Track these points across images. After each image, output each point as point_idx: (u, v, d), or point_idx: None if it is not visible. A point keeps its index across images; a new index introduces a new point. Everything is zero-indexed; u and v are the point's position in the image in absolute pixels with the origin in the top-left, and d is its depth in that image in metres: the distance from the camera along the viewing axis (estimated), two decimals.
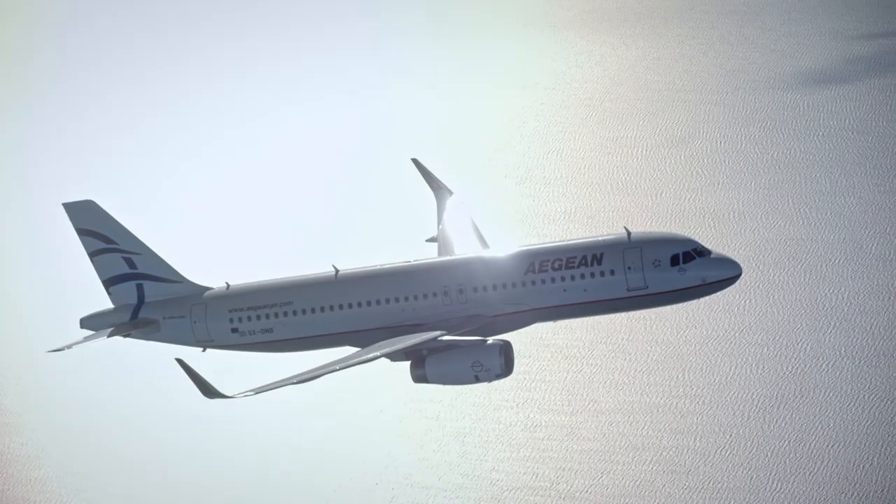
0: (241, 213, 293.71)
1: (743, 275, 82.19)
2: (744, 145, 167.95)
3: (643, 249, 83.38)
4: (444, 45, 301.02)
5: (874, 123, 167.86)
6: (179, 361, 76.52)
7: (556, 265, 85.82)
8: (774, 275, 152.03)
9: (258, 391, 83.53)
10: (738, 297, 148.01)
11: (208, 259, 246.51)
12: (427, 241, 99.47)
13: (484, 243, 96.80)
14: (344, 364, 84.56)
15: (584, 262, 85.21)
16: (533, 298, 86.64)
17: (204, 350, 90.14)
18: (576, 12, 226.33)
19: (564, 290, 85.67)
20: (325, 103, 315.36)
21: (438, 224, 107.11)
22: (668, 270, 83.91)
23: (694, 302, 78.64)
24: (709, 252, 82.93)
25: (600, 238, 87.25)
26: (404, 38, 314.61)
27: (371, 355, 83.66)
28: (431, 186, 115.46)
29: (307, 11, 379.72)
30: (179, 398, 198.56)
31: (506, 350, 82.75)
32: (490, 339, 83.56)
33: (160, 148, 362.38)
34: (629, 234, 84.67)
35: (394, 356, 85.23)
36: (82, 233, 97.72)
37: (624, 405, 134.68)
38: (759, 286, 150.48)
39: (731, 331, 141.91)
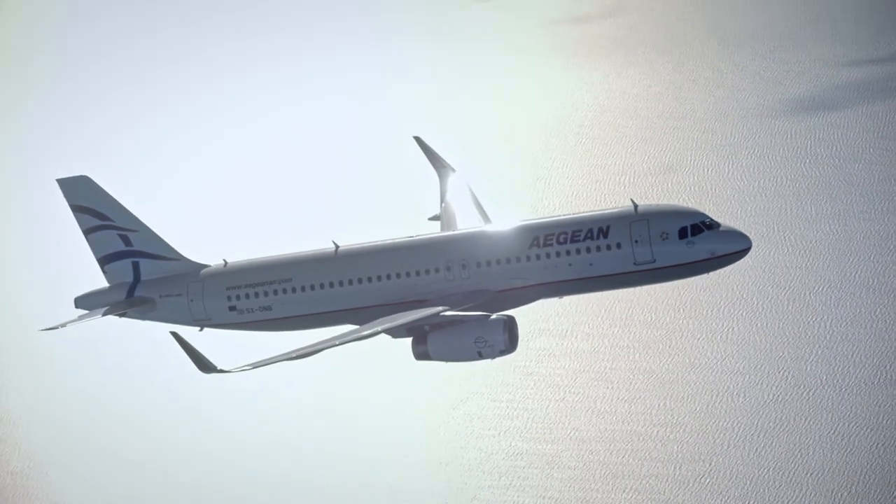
0: (240, 200, 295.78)
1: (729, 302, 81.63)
2: (731, 173, 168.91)
3: (650, 222, 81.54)
4: (434, 66, 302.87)
5: (861, 151, 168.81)
6: (174, 335, 75.57)
7: (561, 239, 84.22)
8: (758, 302, 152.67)
9: (255, 366, 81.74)
10: (720, 324, 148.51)
11: (206, 238, 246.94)
12: (430, 219, 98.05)
13: (487, 219, 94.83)
14: (343, 339, 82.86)
15: (589, 235, 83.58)
16: (537, 273, 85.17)
17: (201, 329, 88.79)
18: (566, 40, 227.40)
19: (570, 265, 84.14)
20: (324, 102, 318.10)
21: (441, 202, 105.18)
22: (676, 243, 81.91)
23: (675, 328, 79.24)
24: (718, 225, 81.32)
25: (606, 211, 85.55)
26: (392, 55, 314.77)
27: (371, 331, 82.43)
28: (434, 164, 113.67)
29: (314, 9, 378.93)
30: (179, 399, 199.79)
31: (510, 325, 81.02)
32: (494, 315, 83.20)
33: (160, 147, 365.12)
34: (636, 206, 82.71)
35: (395, 332, 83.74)
36: (76, 209, 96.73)
37: (605, 433, 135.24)
38: (742, 313, 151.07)
39: (712, 359, 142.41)
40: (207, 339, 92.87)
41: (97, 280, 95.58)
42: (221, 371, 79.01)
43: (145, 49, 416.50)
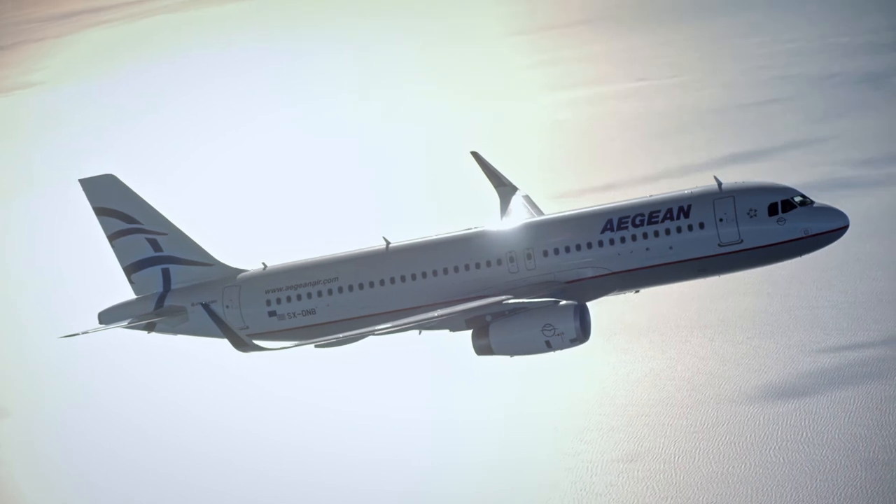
0: (276, 204, 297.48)
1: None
2: (699, 459, 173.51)
3: (737, 199, 77.41)
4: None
5: (829, 435, 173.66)
6: (205, 307, 72.89)
7: (637, 221, 79.08)
8: None
9: (296, 345, 77.54)
10: None
11: (240, 244, 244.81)
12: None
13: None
14: (393, 327, 77.67)
15: (669, 215, 78.36)
16: (611, 260, 79.36)
17: (237, 349, 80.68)
18: None
19: (647, 250, 79.09)
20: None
21: (502, 218, 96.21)
22: (765, 221, 77.27)
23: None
24: (812, 201, 76.59)
25: (688, 190, 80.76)
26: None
27: (426, 316, 75.70)
28: (493, 182, 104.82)
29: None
30: (179, 399, 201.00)
31: (581, 312, 76.33)
32: (563, 301, 75.83)
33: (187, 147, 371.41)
34: (720, 183, 78.96)
35: (453, 323, 77.24)
36: (101, 212, 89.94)
37: None
38: None
39: None
40: (216, 344, 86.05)
41: (124, 292, 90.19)
42: (258, 349, 75.27)
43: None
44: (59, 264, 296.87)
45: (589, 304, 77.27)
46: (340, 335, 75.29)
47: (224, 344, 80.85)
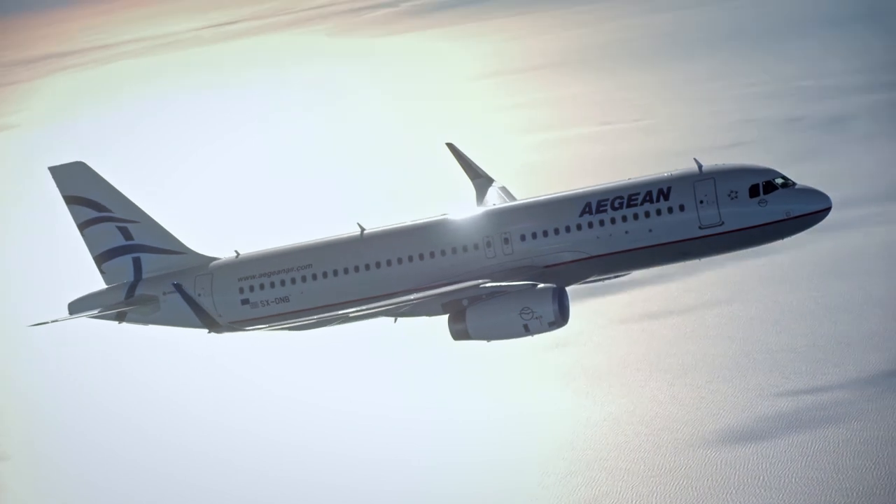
0: (246, 194, 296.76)
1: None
2: None
3: (717, 180, 74.26)
4: None
5: (786, 479, 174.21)
6: (177, 286, 70.47)
7: (616, 204, 75.43)
8: None
9: (270, 328, 74.73)
10: None
11: (212, 233, 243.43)
12: None
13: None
14: (368, 310, 74.90)
15: (648, 198, 74.70)
16: (590, 244, 75.77)
17: (209, 331, 77.56)
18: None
19: (627, 233, 75.57)
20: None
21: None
22: (746, 203, 73.83)
23: None
24: (793, 183, 73.76)
25: (666, 173, 77.44)
26: None
27: (402, 299, 74.15)
28: (469, 174, 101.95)
29: None
30: (178, 398, 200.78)
31: (560, 295, 73.50)
32: (540, 284, 73.96)
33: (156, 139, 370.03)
34: (700, 166, 76.32)
35: (429, 308, 75.09)
36: (71, 201, 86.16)
37: None
38: None
39: None
40: (215, 341, 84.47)
41: (96, 283, 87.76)
42: (231, 327, 72.53)
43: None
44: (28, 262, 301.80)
45: (567, 291, 76.00)
46: (314, 317, 73.32)
47: (197, 333, 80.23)
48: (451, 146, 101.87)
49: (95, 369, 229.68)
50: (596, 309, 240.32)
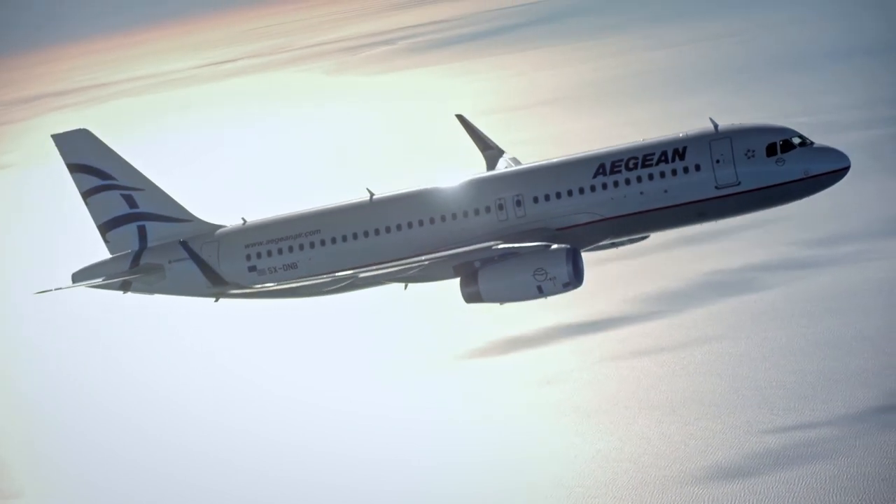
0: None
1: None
2: None
3: (734, 139, 73.72)
4: None
5: None
6: (183, 244, 70.24)
7: (630, 164, 75.04)
8: None
9: (278, 285, 73.91)
10: None
11: (219, 202, 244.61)
12: None
13: None
14: (383, 269, 74.67)
15: (663, 158, 74.39)
16: (604, 205, 75.28)
17: (217, 299, 78.66)
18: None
19: (641, 194, 75.29)
20: None
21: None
22: (763, 162, 73.25)
23: None
24: (811, 142, 74.08)
25: (682, 133, 77.65)
26: None
27: (414, 261, 73.42)
28: (479, 146, 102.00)
29: None
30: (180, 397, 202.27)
31: (574, 255, 73.12)
32: (554, 245, 73.52)
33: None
34: (715, 125, 76.46)
35: (440, 271, 74.68)
36: (75, 169, 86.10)
37: None
38: None
39: None
40: (222, 312, 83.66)
41: (101, 254, 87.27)
42: (238, 287, 72.46)
43: None
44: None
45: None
46: (323, 277, 73.22)
47: (203, 303, 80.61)
48: (460, 118, 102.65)
49: (99, 341, 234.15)
50: (587, 346, 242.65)
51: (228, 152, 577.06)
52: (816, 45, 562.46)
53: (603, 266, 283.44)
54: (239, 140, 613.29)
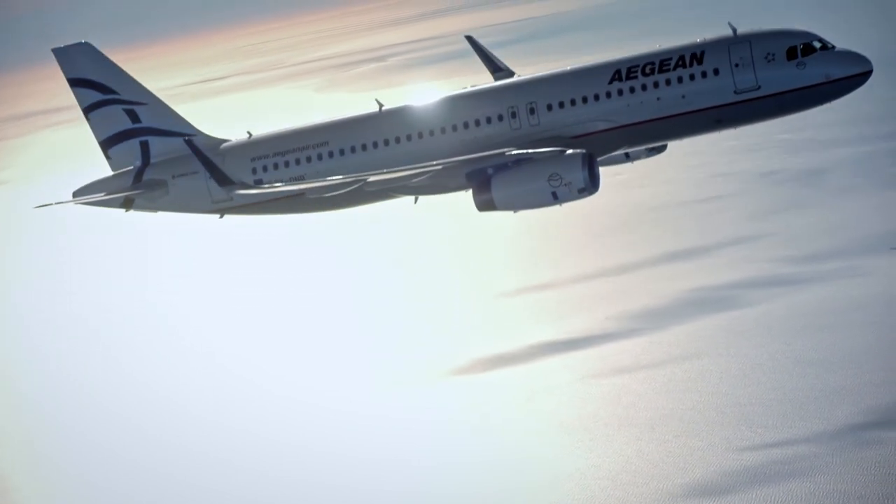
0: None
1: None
2: None
3: (753, 43, 72.59)
4: None
5: None
6: (189, 143, 69.24)
7: (647, 70, 73.74)
8: None
9: (284, 185, 72.17)
10: None
11: (224, 118, 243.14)
12: None
13: None
14: (392, 173, 72.93)
15: (681, 63, 73.16)
16: (620, 112, 74.15)
17: (221, 216, 76.64)
18: None
19: (658, 99, 74.32)
20: None
21: None
22: (784, 66, 71.88)
23: None
24: (833, 46, 72.94)
25: (699, 39, 76.49)
26: None
27: (425, 166, 71.94)
28: (489, 68, 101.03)
29: None
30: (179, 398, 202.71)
31: (590, 160, 72.11)
32: (569, 150, 72.13)
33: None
34: (734, 30, 75.50)
35: (452, 180, 72.84)
36: (76, 83, 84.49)
37: None
38: None
39: None
40: (227, 228, 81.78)
41: (103, 171, 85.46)
42: (245, 186, 71.25)
43: None
44: None
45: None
46: (331, 180, 72.07)
47: (206, 220, 79.56)
48: (470, 38, 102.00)
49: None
50: (567, 364, 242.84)
51: None
52: None
53: (587, 283, 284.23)
54: None
